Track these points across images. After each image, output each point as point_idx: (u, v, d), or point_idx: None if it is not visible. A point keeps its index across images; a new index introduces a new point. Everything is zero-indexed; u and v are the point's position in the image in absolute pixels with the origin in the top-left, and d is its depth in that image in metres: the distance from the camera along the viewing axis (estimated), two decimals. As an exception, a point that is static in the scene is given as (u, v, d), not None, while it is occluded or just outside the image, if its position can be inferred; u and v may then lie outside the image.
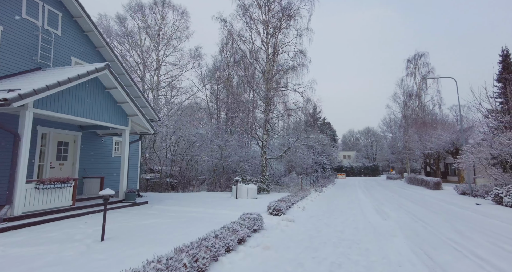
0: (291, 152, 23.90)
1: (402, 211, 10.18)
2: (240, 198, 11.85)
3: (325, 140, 22.23)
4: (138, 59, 27.04)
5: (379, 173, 54.68)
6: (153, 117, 13.96)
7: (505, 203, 10.72)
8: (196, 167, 22.04)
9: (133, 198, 9.47)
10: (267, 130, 19.50)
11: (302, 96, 19.27)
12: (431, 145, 23.51)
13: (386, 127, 51.52)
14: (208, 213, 8.31)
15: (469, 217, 8.64)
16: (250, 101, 22.90)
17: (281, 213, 8.21)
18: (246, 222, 5.56)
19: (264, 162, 19.36)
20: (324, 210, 10.17)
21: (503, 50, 22.92)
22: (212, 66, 30.09)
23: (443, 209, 10.60)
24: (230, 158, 21.28)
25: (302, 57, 18.62)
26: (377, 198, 14.92)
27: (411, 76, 33.61)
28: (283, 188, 19.53)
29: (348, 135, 77.91)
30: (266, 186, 15.46)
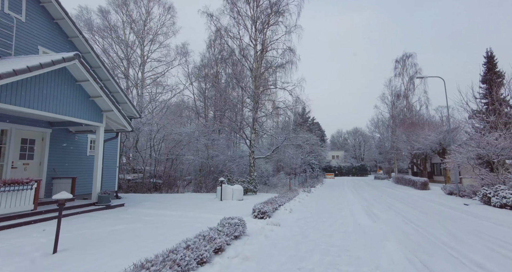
0: (279, 152, 23.48)
1: (391, 212, 9.88)
2: (224, 200, 11.27)
3: (314, 140, 21.93)
4: (122, 54, 25.94)
5: (367, 173, 55.18)
6: (133, 114, 13.18)
7: (493, 204, 10.60)
8: (181, 167, 21.26)
9: (107, 200, 8.73)
10: (255, 129, 18.98)
11: (291, 95, 18.89)
12: (418, 145, 23.62)
13: (374, 128, 52.09)
14: (187, 217, 7.69)
15: (460, 219, 8.38)
16: (239, 99, 22.33)
17: (266, 216, 7.69)
18: (225, 228, 5.00)
19: (251, 162, 18.83)
20: (312, 212, 9.73)
21: (488, 52, 23.28)
22: (199, 63, 29.34)
23: (432, 209, 10.37)
24: (217, 157, 20.63)
25: (291, 54, 18.21)
26: (366, 199, 14.65)
27: (399, 77, 33.93)
28: (271, 189, 19.06)
29: (336, 135, 78.47)
30: (253, 187, 14.94)
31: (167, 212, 8.50)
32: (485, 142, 12.42)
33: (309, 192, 17.76)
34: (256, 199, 12.26)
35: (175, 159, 21.38)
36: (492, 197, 10.78)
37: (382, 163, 50.49)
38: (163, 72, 28.12)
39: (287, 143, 20.60)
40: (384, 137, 47.67)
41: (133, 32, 26.86)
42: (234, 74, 18.45)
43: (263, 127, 21.45)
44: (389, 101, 36.82)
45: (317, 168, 37.22)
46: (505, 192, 10.37)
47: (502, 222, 7.73)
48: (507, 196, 10.09)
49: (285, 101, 18.16)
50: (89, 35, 23.03)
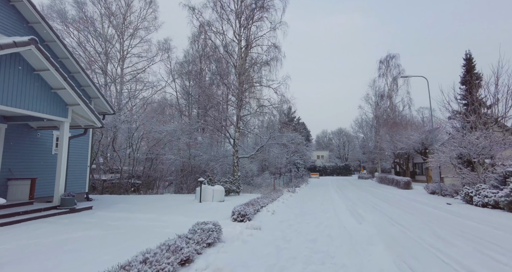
0: (264, 151, 23.04)
1: (377, 212, 9.61)
2: (204, 202, 10.62)
3: (299, 139, 21.63)
4: (100, 49, 24.59)
5: (351, 172, 55.89)
6: (107, 109, 12.28)
7: (475, 203, 10.59)
8: (162, 167, 20.34)
9: (71, 203, 7.88)
10: (239, 128, 18.42)
11: (276, 93, 18.48)
12: (401, 145, 23.88)
13: (358, 128, 52.80)
14: (160, 221, 7.02)
15: (445, 219, 8.20)
16: (223, 97, 21.66)
17: (246, 219, 7.16)
18: (196, 235, 4.42)
19: (235, 161, 18.26)
20: (296, 213, 9.29)
21: (467, 54, 23.80)
22: (182, 59, 28.40)
23: (416, 209, 10.21)
24: (200, 157, 19.90)
25: (276, 51, 17.79)
26: (350, 198, 14.44)
27: (383, 77, 34.41)
28: (255, 189, 18.56)
29: (321, 136, 79.19)
30: (236, 187, 14.36)
31: (140, 215, 7.78)
32: (467, 141, 12.47)
33: (293, 192, 17.40)
34: (238, 200, 11.70)
35: (155, 159, 20.43)
36: (474, 196, 10.77)
37: (366, 163, 51.25)
38: (144, 68, 26.94)
39: (272, 142, 20.17)
40: (368, 137, 48.39)
41: (112, 25, 25.54)
42: (217, 70, 17.80)
43: (248, 126, 20.91)
44: (373, 101, 37.34)
45: (302, 168, 37.12)
46: (486, 191, 10.38)
47: (486, 222, 7.59)
48: (489, 195, 10.09)
49: (270, 99, 17.71)
50: (62, 27, 21.63)
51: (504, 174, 10.88)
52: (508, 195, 8.90)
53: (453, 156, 13.04)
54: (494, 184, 11.14)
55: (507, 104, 15.00)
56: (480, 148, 12.18)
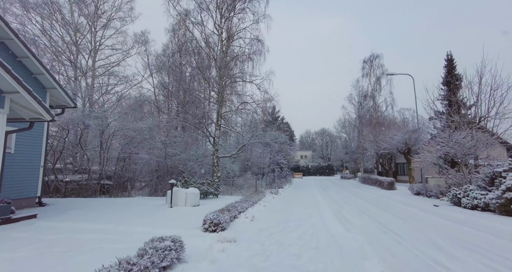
0: (246, 151, 22.05)
1: (365, 216, 8.89)
2: (175, 206, 9.45)
3: (282, 138, 20.82)
4: (68, 38, 22.58)
5: (334, 172, 56.16)
6: (66, 102, 10.79)
7: (463, 205, 10.14)
8: (135, 168, 18.82)
9: (5, 212, 6.50)
10: (219, 125, 17.30)
11: (259, 89, 17.52)
12: (385, 145, 23.70)
13: (341, 128, 53.08)
14: (115, 233, 5.84)
15: (438, 224, 7.57)
16: (203, 92, 20.42)
17: (220, 228, 6.13)
18: (145, 258, 3.34)
19: (215, 161, 17.14)
20: (278, 218, 8.36)
21: (448, 55, 24.04)
22: (161, 53, 26.79)
23: (405, 213, 9.61)
24: (177, 156, 18.56)
25: (259, 44, 16.85)
26: (335, 200, 13.76)
27: (367, 77, 34.44)
28: (236, 190, 17.52)
29: (305, 136, 79.41)
30: (214, 189, 13.26)
31: (93, 225, 6.53)
32: (453, 141, 12.11)
33: (276, 193, 16.54)
34: (215, 204, 10.63)
35: (128, 158, 18.87)
36: (462, 198, 10.33)
37: (348, 162, 51.57)
38: (119, 62, 25.11)
39: (254, 141, 19.21)
40: (351, 137, 48.66)
41: (82, 14, 23.55)
42: (196, 63, 16.58)
43: (229, 124, 19.84)
44: (356, 101, 37.34)
45: (286, 168, 36.47)
46: (475, 192, 9.95)
47: (483, 228, 7.01)
48: (478, 197, 9.65)
49: (252, 96, 16.73)
50: (22, 12, 19.51)
51: (491, 174, 10.53)
52: (500, 197, 8.45)
53: (440, 156, 12.67)
54: (482, 185, 10.78)
55: (489, 104, 14.95)
56: (466, 148, 11.84)
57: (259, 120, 18.58)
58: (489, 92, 14.70)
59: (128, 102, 24.65)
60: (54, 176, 16.10)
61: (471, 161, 13.15)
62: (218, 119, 16.99)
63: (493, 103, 14.64)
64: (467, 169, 12.21)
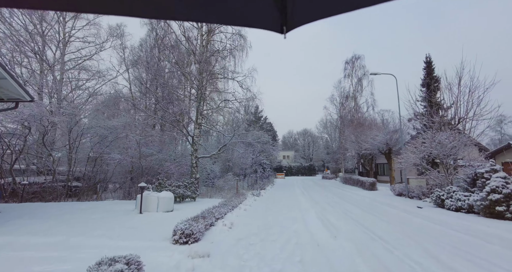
0: (228, 151, 21.26)
1: (350, 220, 8.44)
2: (146, 212, 8.52)
3: (265, 138, 20.24)
4: (31, 27, 20.66)
5: (315, 172, 56.54)
6: (20, 95, 9.51)
7: (447, 206, 10.00)
8: (107, 169, 17.47)
9: None
10: (199, 124, 16.40)
11: (242, 86, 16.82)
12: (367, 145, 23.77)
13: (323, 128, 53.57)
14: (63, 249, 4.89)
15: (426, 228, 7.24)
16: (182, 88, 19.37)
17: (192, 240, 5.36)
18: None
19: (194, 162, 16.22)
20: (259, 225, 7.70)
21: (427, 57, 24.47)
22: (138, 48, 25.34)
23: (391, 215, 9.29)
24: (152, 157, 17.43)
25: (241, 40, 16.14)
26: (318, 202, 13.35)
27: (348, 78, 34.71)
28: (217, 193, 16.70)
29: (287, 136, 79.61)
30: (191, 192, 12.38)
31: (39, 239, 5.50)
32: (436, 142, 12.04)
33: (258, 195, 15.90)
34: (191, 208, 9.80)
35: (99, 159, 17.47)
36: (445, 200, 10.20)
37: (329, 163, 52.08)
38: (91, 55, 23.39)
39: (236, 141, 18.48)
40: (332, 138, 49.16)
41: (50, 1, 21.62)
42: (173, 56, 15.58)
43: (210, 123, 18.96)
44: (337, 102, 37.60)
45: (268, 168, 36.01)
46: (459, 194, 9.84)
47: (472, 232, 6.72)
48: (462, 199, 9.52)
49: (234, 93, 15.98)
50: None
51: (473, 175, 10.49)
52: (484, 199, 8.30)
53: (424, 156, 12.59)
54: (464, 186, 10.72)
55: (468, 105, 15.17)
56: (448, 148, 11.80)
57: (242, 119, 17.86)
58: (468, 93, 14.92)
59: (101, 98, 23.02)
60: (12, 178, 14.52)
61: (451, 162, 13.22)
62: (198, 117, 16.09)
63: (471, 104, 14.87)
64: (448, 170, 12.19)
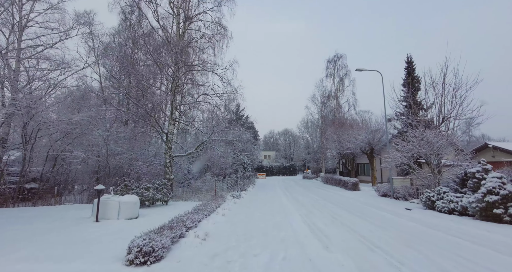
0: (206, 149, 19.93)
1: (339, 225, 7.58)
2: (104, 220, 7.13)
3: (246, 136, 19.17)
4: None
5: (296, 172, 56.40)
6: None
7: (438, 208, 9.46)
8: (68, 168, 15.55)
9: None
10: (174, 119, 15.00)
11: (222, 80, 15.61)
12: (349, 144, 23.43)
13: (304, 128, 53.40)
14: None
15: (425, 235, 6.51)
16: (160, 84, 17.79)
17: (153, 259, 4.17)
18: None
19: (168, 161, 14.81)
20: (239, 234, 6.62)
21: (408, 56, 24.59)
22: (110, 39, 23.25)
23: (381, 219, 8.56)
24: (122, 155, 15.77)
25: (222, 30, 14.96)
26: (303, 204, 12.50)
27: (330, 77, 34.52)
28: (193, 195, 15.37)
29: (269, 136, 79.19)
30: (163, 195, 11.02)
31: None
32: (424, 141, 11.59)
33: (238, 197, 14.79)
34: (161, 214, 8.51)
35: (60, 157, 15.51)
36: (436, 201, 9.67)
37: (310, 163, 52.08)
38: (54, 43, 21.03)
39: (215, 139, 17.23)
40: (313, 138, 49.07)
41: (4, -20, 19.13)
42: (146, 46, 14.06)
43: (187, 118, 17.57)
44: (319, 102, 37.35)
45: (250, 168, 34.98)
46: (450, 195, 9.34)
47: (475, 238, 6.07)
48: (454, 200, 9.01)
49: (213, 86, 14.75)
50: None
51: (462, 175, 10.09)
52: (480, 201, 7.78)
53: (413, 155, 12.12)
54: (453, 186, 10.30)
55: (452, 104, 15.04)
56: (436, 147, 11.39)
57: (222, 115, 16.66)
58: (451, 92, 14.76)
59: (65, 91, 20.76)
60: None
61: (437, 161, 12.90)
62: (173, 112, 14.69)
63: (455, 103, 14.73)
64: (434, 169, 11.79)
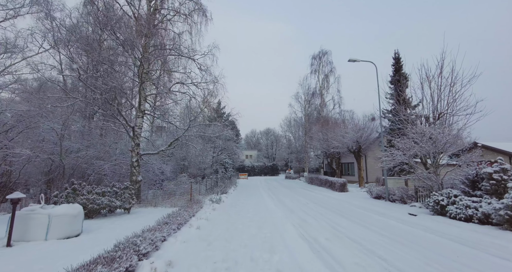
0: (182, 147, 17.80)
1: (346, 240, 5.97)
2: (23, 242, 5.01)
3: (228, 133, 17.29)
4: None
5: (278, 172, 55.29)
6: None
7: (452, 215, 8.15)
8: (9, 169, 12.84)
9: None
10: (142, 111, 12.81)
11: (200, 68, 13.63)
12: (336, 143, 22.25)
13: (287, 127, 52.26)
14: None
15: (460, 253, 5.05)
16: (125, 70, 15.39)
17: None
18: None
19: (134, 160, 12.62)
20: (218, 260, 4.78)
21: (395, 53, 23.87)
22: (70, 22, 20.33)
23: (391, 229, 7.09)
24: (80, 153, 13.32)
25: (199, 8, 12.98)
26: (292, 209, 10.87)
27: (315, 74, 33.38)
28: (165, 200, 13.26)
29: (250, 135, 77.65)
30: (123, 202, 8.89)
31: None
32: (427, 137, 10.37)
33: (218, 201, 12.88)
34: (115, 229, 6.48)
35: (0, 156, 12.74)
36: (448, 206, 8.39)
37: (292, 162, 51.06)
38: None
39: (193, 135, 15.21)
40: (296, 137, 48.01)
41: None
42: (104, 15, 11.77)
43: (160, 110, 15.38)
44: (302, 100, 36.14)
45: (231, 168, 33.04)
46: (465, 199, 8.08)
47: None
48: (471, 205, 7.74)
49: (190, 73, 12.74)
50: None
51: (474, 176, 8.90)
52: (510, 207, 6.50)
53: (415, 154, 10.88)
54: (465, 189, 9.10)
55: (448, 99, 14.11)
56: (441, 144, 10.20)
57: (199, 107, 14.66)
58: (449, 86, 13.80)
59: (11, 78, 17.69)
60: None
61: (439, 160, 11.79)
62: (141, 102, 12.50)
63: (452, 98, 13.79)
64: (438, 169, 10.62)
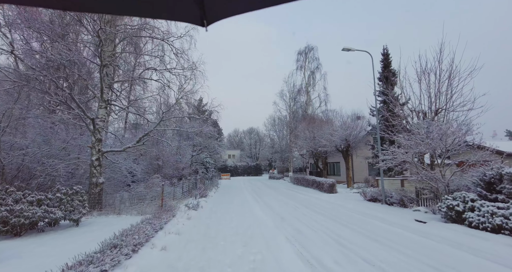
0: (155, 144, 15.76)
1: (352, 256, 4.50)
2: None
3: (209, 129, 15.50)
4: None
5: (261, 172, 53.90)
6: None
7: (472, 223, 6.94)
8: None
9: None
10: (106, 101, 10.74)
11: (176, 54, 11.75)
12: (324, 141, 21.08)
13: (271, 126, 50.97)
14: None
15: None
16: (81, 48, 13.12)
17: None
18: None
19: (95, 158, 10.55)
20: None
21: (384, 49, 23.10)
22: None
23: (401, 240, 5.72)
24: (27, 150, 11.00)
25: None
26: (282, 216, 9.37)
27: (301, 70, 32.23)
28: (133, 205, 11.26)
29: (233, 135, 75.85)
30: (68, 211, 6.90)
31: None
32: (435, 134, 9.22)
33: (196, 207, 11.07)
34: (48, 251, 4.60)
35: None
36: (466, 212, 7.19)
37: (276, 162, 49.90)
38: None
39: (167, 128, 13.29)
40: (280, 136, 46.83)
41: None
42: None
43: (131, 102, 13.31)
44: (287, 98, 34.91)
45: (213, 168, 31.09)
46: (488, 205, 6.90)
47: None
48: (497, 213, 6.55)
49: (163, 57, 10.85)
50: None
51: (490, 177, 7.80)
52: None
53: (417, 152, 9.70)
54: (478, 191, 7.97)
55: (447, 94, 13.21)
56: (450, 142, 9.09)
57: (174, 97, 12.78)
58: (447, 80, 12.88)
59: None
60: None
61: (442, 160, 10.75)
62: (103, 90, 10.43)
63: (450, 93, 12.88)
64: (444, 170, 9.52)
